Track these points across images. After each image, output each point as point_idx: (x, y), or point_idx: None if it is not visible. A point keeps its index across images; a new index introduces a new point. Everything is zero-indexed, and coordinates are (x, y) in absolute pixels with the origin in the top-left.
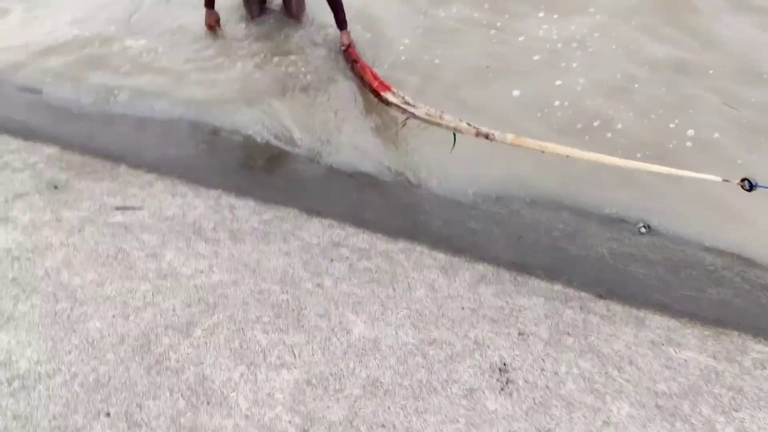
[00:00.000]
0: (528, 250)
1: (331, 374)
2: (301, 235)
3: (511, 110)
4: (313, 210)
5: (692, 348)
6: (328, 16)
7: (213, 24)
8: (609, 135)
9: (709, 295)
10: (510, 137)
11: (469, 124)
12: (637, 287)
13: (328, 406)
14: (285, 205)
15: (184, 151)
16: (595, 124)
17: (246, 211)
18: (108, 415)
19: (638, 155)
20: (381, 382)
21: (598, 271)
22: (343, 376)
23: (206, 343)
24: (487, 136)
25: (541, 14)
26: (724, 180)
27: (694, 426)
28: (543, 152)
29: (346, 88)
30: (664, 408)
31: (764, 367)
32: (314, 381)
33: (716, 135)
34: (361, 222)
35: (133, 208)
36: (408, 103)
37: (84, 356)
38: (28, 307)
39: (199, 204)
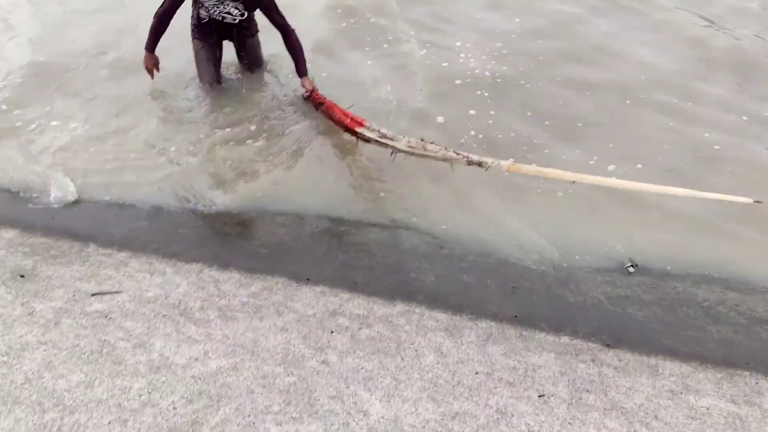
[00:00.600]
0: (526, 301)
1: None
2: (295, 306)
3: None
4: (301, 277)
5: (710, 394)
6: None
7: (151, 67)
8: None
9: (711, 333)
10: (506, 164)
11: (457, 153)
12: (640, 332)
13: None
14: (271, 274)
15: (156, 224)
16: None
17: (231, 284)
18: None
19: None
20: None
21: (600, 318)
22: None
23: None
24: (480, 164)
25: None
26: (755, 201)
27: None
28: (543, 178)
29: (314, 135)
30: None
31: None
32: None
33: None
34: (352, 286)
35: (110, 293)
36: (385, 136)
37: None
38: (12, 423)
39: (180, 281)
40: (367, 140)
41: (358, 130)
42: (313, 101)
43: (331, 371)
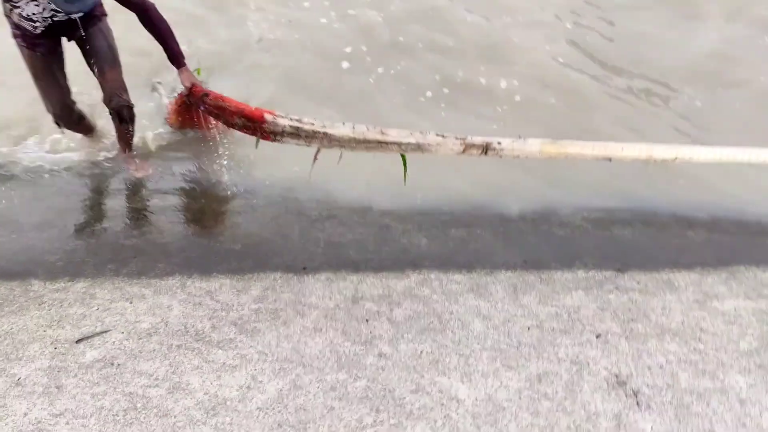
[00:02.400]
0: (522, 243)
1: None
2: (312, 302)
3: None
4: (296, 267)
5: (728, 296)
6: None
7: None
8: None
9: (691, 238)
10: (537, 145)
11: (442, 136)
12: (638, 251)
13: None
14: (262, 271)
15: (95, 241)
16: None
17: (228, 293)
18: None
19: None
20: None
21: (597, 246)
22: None
23: None
24: (485, 150)
25: None
26: None
27: None
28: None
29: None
30: (766, 367)
31: None
32: None
33: None
34: (354, 266)
35: (97, 334)
36: (311, 125)
37: None
38: None
39: (169, 302)
40: (279, 135)
41: (267, 117)
42: (194, 98)
43: (394, 363)
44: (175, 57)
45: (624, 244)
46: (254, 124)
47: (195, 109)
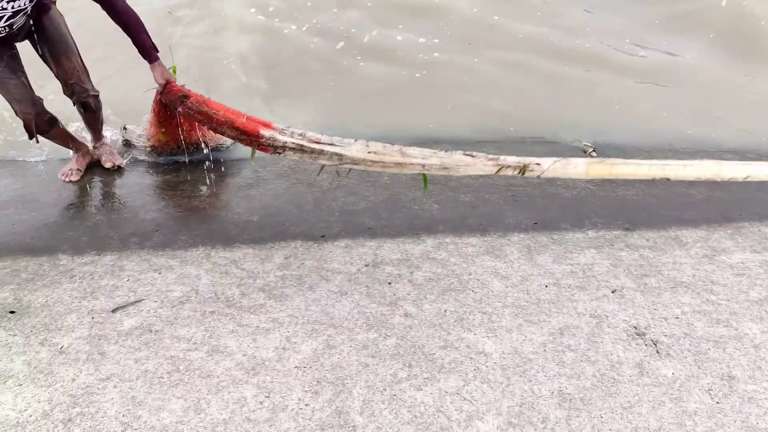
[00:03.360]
0: (532, 206)
1: (521, 405)
2: (334, 267)
3: None
4: (314, 235)
5: (735, 250)
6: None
7: None
8: None
9: (694, 196)
10: (583, 165)
11: (471, 155)
12: (643, 209)
13: None
14: (282, 240)
15: (115, 216)
16: None
17: (252, 261)
18: None
19: None
20: (568, 393)
21: (604, 206)
22: (529, 402)
23: (378, 428)
24: (522, 171)
25: None
26: None
27: None
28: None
29: None
30: None
31: None
32: (514, 420)
33: None
34: (369, 232)
35: (132, 304)
36: (318, 142)
37: None
38: None
39: (197, 271)
40: (278, 150)
41: (264, 132)
42: (170, 96)
43: (421, 322)
44: (146, 51)
45: (630, 204)
46: (249, 137)
47: (173, 111)
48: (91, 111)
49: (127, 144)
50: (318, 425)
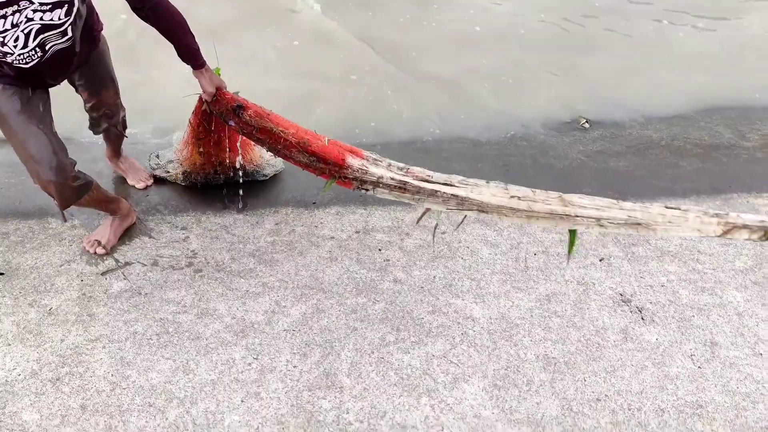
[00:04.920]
0: (523, 175)
1: (506, 368)
2: (325, 233)
3: None
4: (306, 202)
5: None
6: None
7: None
8: None
9: (685, 167)
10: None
11: (679, 209)
12: (633, 180)
13: (537, 402)
14: (273, 206)
15: (109, 177)
16: None
17: (242, 227)
18: None
19: None
20: (553, 358)
21: (595, 177)
22: (514, 365)
23: (365, 389)
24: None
25: None
26: None
27: None
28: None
29: None
30: (760, 283)
31: None
32: (499, 382)
33: None
34: (361, 200)
35: (123, 267)
36: (427, 180)
37: None
38: None
39: (187, 236)
40: (368, 187)
41: (353, 162)
42: (223, 108)
43: (410, 288)
44: (192, 54)
45: (621, 175)
46: (327, 166)
47: (220, 124)
48: (118, 135)
49: (158, 179)
50: (306, 386)
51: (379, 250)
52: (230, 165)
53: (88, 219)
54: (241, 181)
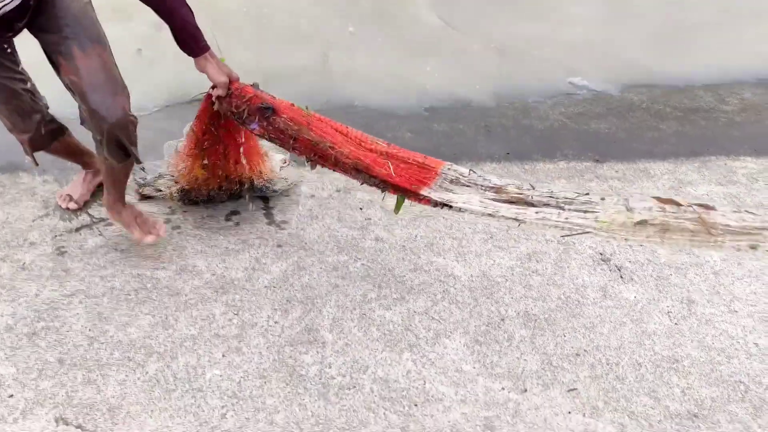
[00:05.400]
0: (504, 137)
1: (488, 324)
2: (305, 191)
3: None
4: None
5: (700, 182)
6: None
7: None
8: None
9: (665, 131)
10: None
11: None
12: (614, 142)
13: (518, 357)
14: None
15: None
16: None
17: None
18: None
19: None
20: (534, 314)
21: (576, 138)
22: (496, 321)
23: (347, 344)
24: None
25: None
26: None
27: None
28: None
29: None
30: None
31: (756, 180)
32: (480, 338)
33: None
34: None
35: (98, 222)
36: (524, 201)
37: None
38: (117, 388)
39: (164, 193)
40: (451, 204)
41: (429, 194)
42: (241, 106)
43: (391, 246)
44: (190, 34)
45: (602, 137)
46: (397, 192)
47: (226, 132)
48: (122, 151)
49: (145, 197)
50: (287, 341)
51: (360, 209)
52: (239, 180)
53: (60, 174)
54: (247, 198)
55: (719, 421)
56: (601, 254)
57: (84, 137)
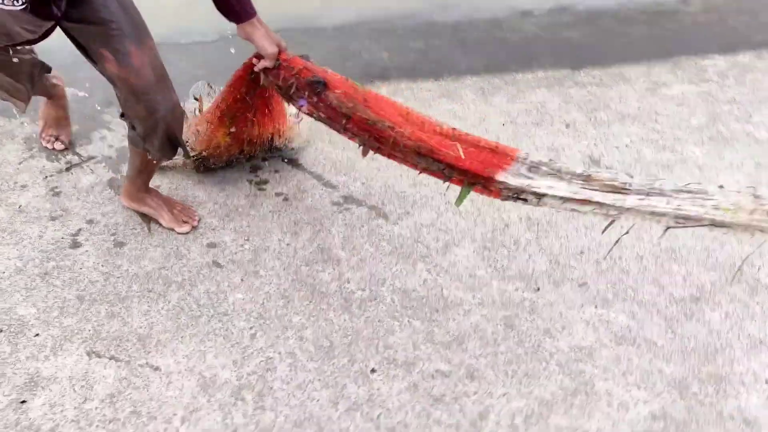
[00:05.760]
0: (481, 50)
1: (493, 231)
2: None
3: None
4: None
5: (675, 83)
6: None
7: None
8: None
9: (632, 34)
10: None
11: None
12: (589, 49)
13: (526, 259)
14: None
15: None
16: None
17: None
18: None
19: None
20: (535, 218)
21: (551, 48)
22: (500, 227)
23: (361, 260)
24: None
25: None
26: None
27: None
28: None
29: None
30: (715, 138)
31: (727, 76)
32: (488, 244)
33: None
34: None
35: (87, 161)
36: (618, 190)
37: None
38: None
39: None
40: (526, 197)
41: (506, 179)
42: (290, 80)
43: (388, 164)
44: (237, 5)
45: (574, 45)
46: (465, 177)
47: (259, 100)
48: (172, 145)
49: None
50: (303, 261)
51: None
52: (260, 141)
53: (36, 114)
54: (267, 164)
55: (720, 302)
56: (590, 157)
57: None
